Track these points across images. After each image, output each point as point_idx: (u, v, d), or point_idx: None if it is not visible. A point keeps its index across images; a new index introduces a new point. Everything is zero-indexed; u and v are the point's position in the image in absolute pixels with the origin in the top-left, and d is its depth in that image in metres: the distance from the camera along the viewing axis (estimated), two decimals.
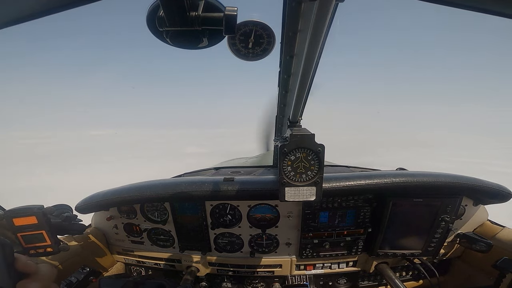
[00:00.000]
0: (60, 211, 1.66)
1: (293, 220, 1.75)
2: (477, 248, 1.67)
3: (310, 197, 1.12)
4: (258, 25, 0.86)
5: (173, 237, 1.91)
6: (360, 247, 1.80)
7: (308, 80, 1.06)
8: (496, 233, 1.75)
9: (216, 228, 1.82)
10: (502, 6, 0.65)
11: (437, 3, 0.72)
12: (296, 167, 1.09)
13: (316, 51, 0.84)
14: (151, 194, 1.61)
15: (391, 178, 1.52)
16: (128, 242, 2.01)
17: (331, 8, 0.66)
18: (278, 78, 1.38)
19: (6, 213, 1.34)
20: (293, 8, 0.88)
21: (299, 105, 1.28)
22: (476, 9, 0.68)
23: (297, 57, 1.10)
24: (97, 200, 1.72)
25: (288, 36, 1.00)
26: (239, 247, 1.89)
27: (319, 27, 0.72)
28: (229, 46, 0.91)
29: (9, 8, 0.75)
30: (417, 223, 1.65)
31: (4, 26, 0.80)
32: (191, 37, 0.68)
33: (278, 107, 1.78)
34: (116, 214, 1.92)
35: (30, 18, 0.78)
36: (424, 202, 1.57)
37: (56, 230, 1.47)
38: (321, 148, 1.06)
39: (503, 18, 0.67)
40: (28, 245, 1.40)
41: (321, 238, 1.76)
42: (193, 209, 1.77)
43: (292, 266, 1.92)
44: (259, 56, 0.92)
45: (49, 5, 0.75)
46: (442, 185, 1.52)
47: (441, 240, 1.67)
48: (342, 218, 1.71)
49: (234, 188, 1.54)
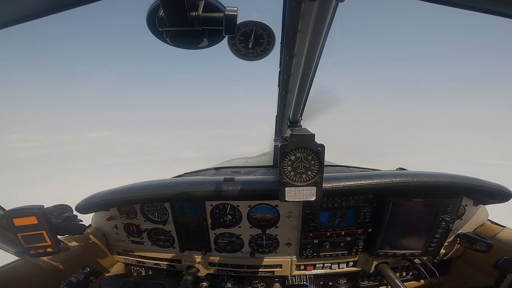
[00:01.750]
0: (60, 211, 1.66)
1: (293, 220, 1.75)
2: (477, 248, 1.67)
3: (310, 197, 1.12)
4: (258, 25, 0.86)
5: (173, 237, 1.91)
6: (360, 247, 1.80)
7: (308, 80, 1.06)
8: (496, 233, 1.75)
9: (216, 228, 1.82)
10: (502, 6, 0.65)
11: (437, 3, 0.72)
12: (296, 167, 1.09)
13: (316, 51, 0.84)
14: (151, 194, 1.61)
15: (391, 178, 1.52)
16: (128, 242, 2.01)
17: (331, 8, 0.65)
18: (278, 78, 1.38)
19: (6, 213, 1.34)
20: (293, 8, 0.88)
21: (299, 105, 1.28)
22: (476, 9, 0.68)
23: (297, 57, 1.10)
24: (97, 200, 1.72)
25: (288, 36, 1.00)
26: (239, 247, 1.89)
27: (319, 27, 0.72)
28: (229, 46, 0.91)
29: (9, 8, 0.75)
30: (417, 223, 1.65)
31: (4, 26, 0.80)
32: (191, 37, 0.68)
33: (278, 107, 1.78)
34: (116, 214, 1.91)
35: (30, 18, 0.78)
36: (424, 202, 1.57)
37: (56, 230, 1.47)
38: (321, 148, 1.06)
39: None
40: (28, 245, 1.40)
41: (321, 238, 1.76)
42: (193, 209, 1.77)
43: (292, 266, 1.91)
44: (259, 56, 0.92)
45: (49, 5, 0.75)
46: (442, 185, 1.52)
47: (441, 240, 1.67)
48: (342, 218, 1.71)
49: (234, 188, 1.54)
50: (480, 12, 0.68)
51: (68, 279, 1.48)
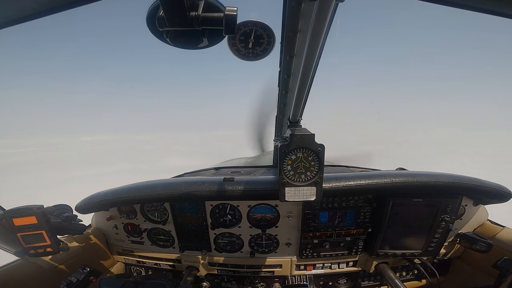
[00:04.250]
0: (60, 211, 1.66)
1: (293, 220, 1.75)
2: (477, 248, 1.67)
3: (310, 197, 1.12)
4: (258, 25, 0.85)
5: (173, 237, 1.91)
6: (360, 247, 1.80)
7: (308, 80, 1.06)
8: (496, 233, 1.75)
9: (216, 228, 1.82)
10: (502, 6, 0.65)
11: (437, 3, 0.72)
12: (296, 167, 1.09)
13: (316, 51, 0.84)
14: (151, 194, 1.61)
15: (391, 178, 1.52)
16: (128, 242, 2.01)
17: (331, 8, 0.65)
18: (278, 78, 1.38)
19: (6, 213, 1.34)
20: (293, 8, 0.88)
21: (299, 105, 1.28)
22: (476, 9, 0.68)
23: (297, 57, 1.10)
24: (97, 200, 1.72)
25: (288, 36, 1.00)
26: (239, 247, 1.89)
27: (319, 27, 0.72)
28: (229, 46, 0.91)
29: (9, 8, 0.75)
30: (417, 223, 1.65)
31: (4, 26, 0.80)
32: (191, 37, 0.68)
33: (278, 107, 1.78)
34: (116, 214, 1.91)
35: (30, 18, 0.78)
36: (424, 202, 1.57)
37: (56, 230, 1.47)
38: (321, 148, 1.06)
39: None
40: (28, 245, 1.40)
41: (321, 238, 1.76)
42: (193, 209, 1.77)
43: (292, 266, 1.91)
44: (259, 56, 0.92)
45: (49, 5, 0.75)
46: (442, 185, 1.52)
47: (441, 240, 1.67)
48: (342, 218, 1.71)
49: (234, 188, 1.54)
50: (480, 12, 0.68)
51: (68, 279, 1.48)
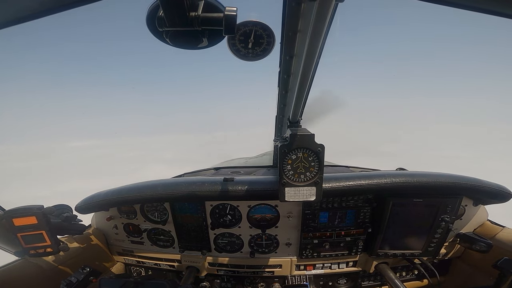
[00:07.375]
0: (60, 211, 1.66)
1: (293, 220, 1.75)
2: (477, 248, 1.67)
3: (310, 197, 1.12)
4: (258, 25, 0.85)
5: (173, 237, 1.91)
6: (360, 247, 1.80)
7: (308, 80, 1.06)
8: (496, 233, 1.75)
9: (216, 228, 1.82)
10: (502, 6, 0.65)
11: (437, 3, 0.72)
12: (296, 167, 1.09)
13: (316, 51, 0.83)
14: (151, 194, 1.61)
15: (391, 178, 1.52)
16: (128, 242, 2.01)
17: (331, 8, 0.65)
18: (278, 78, 1.38)
19: (6, 213, 1.34)
20: (293, 8, 0.88)
21: (299, 105, 1.28)
22: (476, 9, 0.68)
23: (297, 57, 1.10)
24: (97, 200, 1.72)
25: (288, 36, 1.00)
26: (239, 247, 1.89)
27: (319, 27, 0.72)
28: (229, 46, 0.91)
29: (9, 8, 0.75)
30: (417, 223, 1.65)
31: (4, 26, 0.80)
32: (191, 37, 0.68)
33: (278, 107, 1.78)
34: (116, 214, 1.91)
35: (30, 18, 0.78)
36: (424, 202, 1.57)
37: (56, 230, 1.47)
38: (321, 148, 1.06)
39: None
40: (28, 245, 1.40)
41: (321, 238, 1.76)
42: (193, 209, 1.77)
43: (292, 266, 1.91)
44: (259, 56, 0.92)
45: (49, 5, 0.75)
46: (442, 185, 1.52)
47: (441, 240, 1.67)
48: (342, 218, 1.71)
49: (234, 188, 1.54)
50: (480, 12, 0.68)
51: (68, 279, 1.48)
